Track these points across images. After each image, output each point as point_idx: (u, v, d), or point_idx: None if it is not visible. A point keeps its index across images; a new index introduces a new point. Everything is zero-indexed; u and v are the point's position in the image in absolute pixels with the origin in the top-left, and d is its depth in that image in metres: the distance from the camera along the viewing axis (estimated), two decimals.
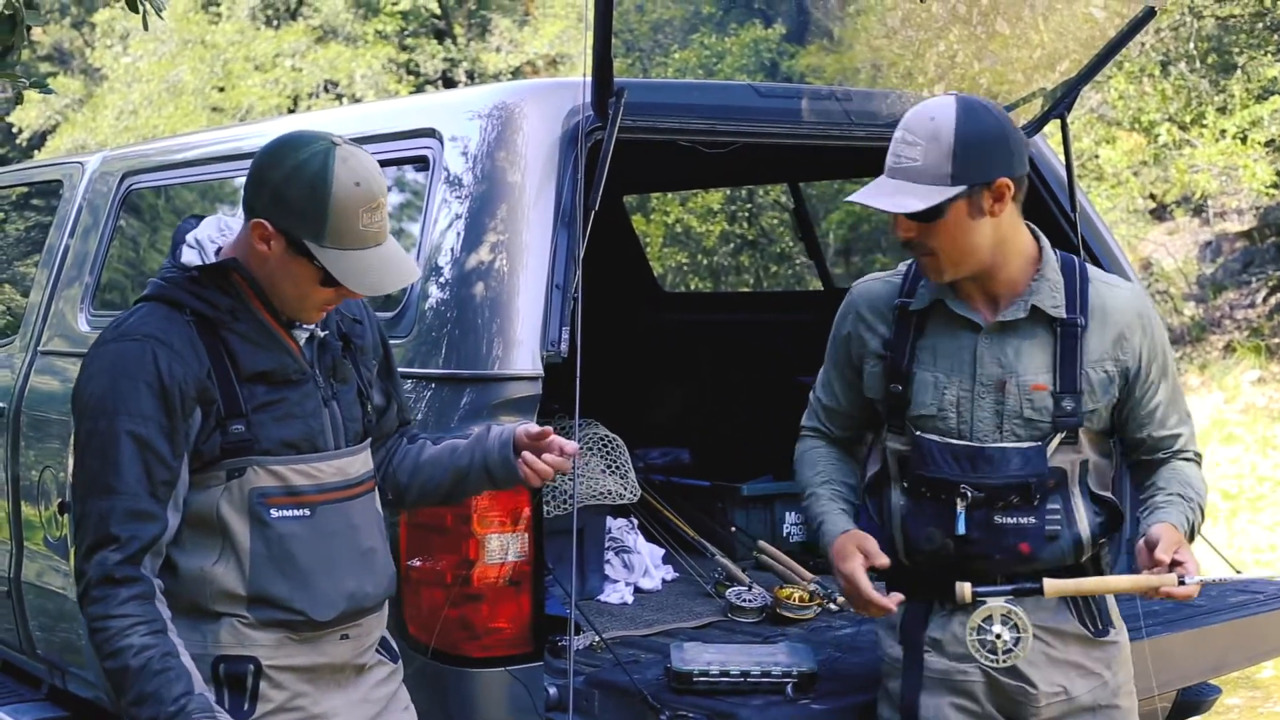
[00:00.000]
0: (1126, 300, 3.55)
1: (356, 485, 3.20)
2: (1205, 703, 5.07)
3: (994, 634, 3.39)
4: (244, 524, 3.04)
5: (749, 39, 15.16)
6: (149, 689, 2.89)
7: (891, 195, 3.35)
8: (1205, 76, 14.97)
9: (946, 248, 3.39)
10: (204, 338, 3.02)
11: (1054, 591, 3.40)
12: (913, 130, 3.35)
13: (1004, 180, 3.36)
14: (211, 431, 3.01)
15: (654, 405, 6.94)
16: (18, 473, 5.66)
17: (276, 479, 3.06)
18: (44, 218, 6.30)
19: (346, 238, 2.98)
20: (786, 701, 3.77)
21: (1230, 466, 12.60)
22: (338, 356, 3.22)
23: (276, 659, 3.08)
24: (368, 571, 3.20)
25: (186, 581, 3.04)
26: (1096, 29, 4.88)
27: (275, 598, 3.06)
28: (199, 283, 3.07)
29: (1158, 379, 3.55)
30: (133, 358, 2.97)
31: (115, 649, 2.91)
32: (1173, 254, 16.29)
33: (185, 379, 2.96)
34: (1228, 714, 7.43)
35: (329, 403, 3.16)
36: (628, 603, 4.95)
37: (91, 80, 27.34)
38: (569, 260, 4.00)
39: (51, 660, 5.62)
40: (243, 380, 3.04)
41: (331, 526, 3.12)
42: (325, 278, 3.01)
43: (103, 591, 2.92)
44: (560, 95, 4.23)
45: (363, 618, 3.21)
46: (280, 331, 3.10)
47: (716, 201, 16.55)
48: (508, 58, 22.85)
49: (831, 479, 3.70)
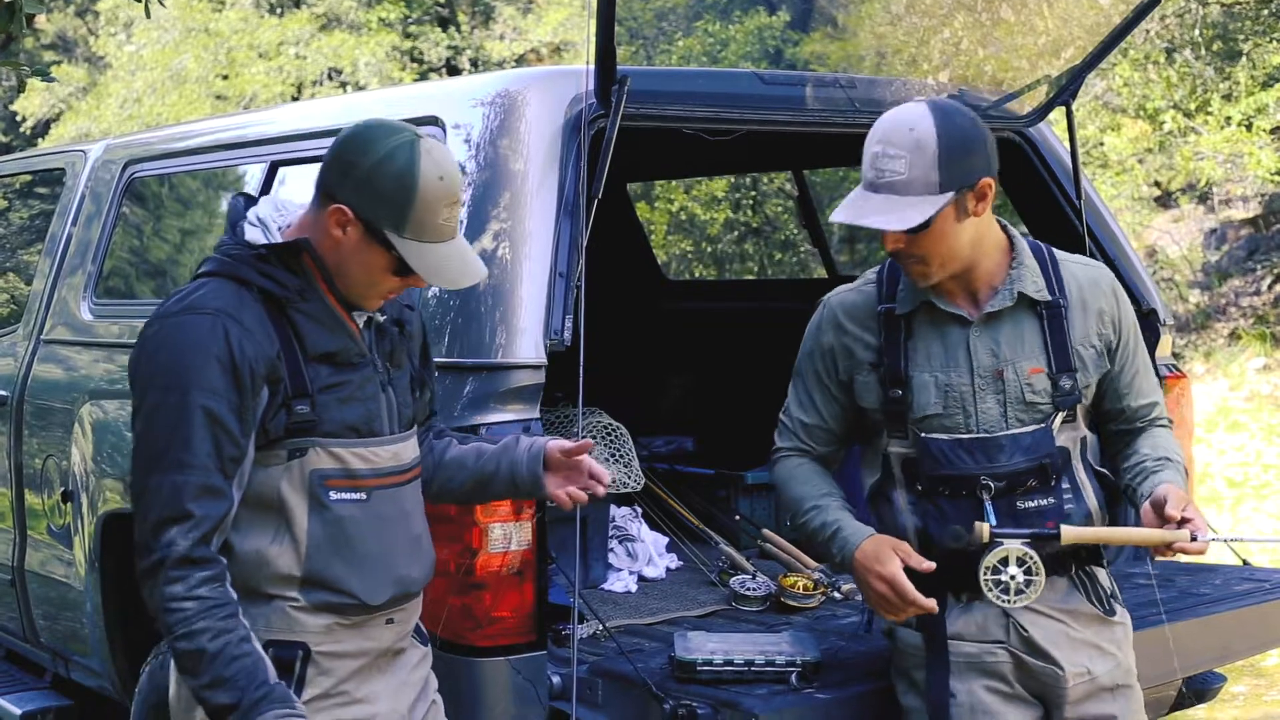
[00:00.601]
0: (1098, 277, 3.64)
1: (408, 471, 3.22)
2: (1210, 690, 5.07)
3: (1008, 574, 3.41)
4: (303, 505, 3.04)
5: (753, 26, 15.12)
6: (227, 674, 2.88)
7: (883, 212, 3.35)
8: (1210, 63, 14.94)
9: (935, 252, 3.41)
10: (272, 316, 3.01)
11: (1070, 538, 3.44)
12: (893, 143, 3.35)
13: (987, 180, 3.41)
14: (278, 410, 3.00)
15: (658, 393, 6.94)
16: (21, 461, 5.66)
17: (336, 461, 3.06)
18: (47, 206, 6.29)
19: (426, 230, 2.99)
20: (791, 690, 3.77)
21: (1235, 454, 12.59)
22: (396, 342, 3.24)
23: (325, 644, 3.09)
24: (416, 557, 3.22)
25: (242, 563, 3.02)
26: (1101, 15, 4.87)
27: (330, 580, 3.07)
28: (266, 261, 3.05)
29: (1134, 350, 3.64)
30: (203, 331, 2.94)
31: (191, 631, 2.88)
32: (1178, 241, 16.27)
33: (256, 357, 2.95)
34: (1232, 701, 7.42)
35: (386, 388, 3.17)
36: (631, 591, 4.94)
37: (95, 68, 27.31)
38: (572, 248, 4.00)
39: (55, 649, 5.62)
40: (309, 361, 3.04)
41: (385, 511, 3.13)
42: (398, 267, 3.02)
43: (179, 572, 2.89)
44: (563, 83, 4.22)
45: (408, 602, 3.23)
46: (343, 314, 3.10)
47: (720, 189, 16.53)
48: (511, 45, 22.83)
49: (831, 491, 3.71)
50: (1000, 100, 5.11)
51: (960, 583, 3.54)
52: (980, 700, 3.52)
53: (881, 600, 3.52)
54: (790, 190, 15.51)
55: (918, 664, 3.62)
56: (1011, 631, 3.53)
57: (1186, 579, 4.78)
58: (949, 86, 5.16)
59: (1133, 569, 4.89)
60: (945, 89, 5.10)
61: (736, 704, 3.65)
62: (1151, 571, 4.78)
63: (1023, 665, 3.53)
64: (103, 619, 5.06)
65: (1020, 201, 5.38)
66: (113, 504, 4.90)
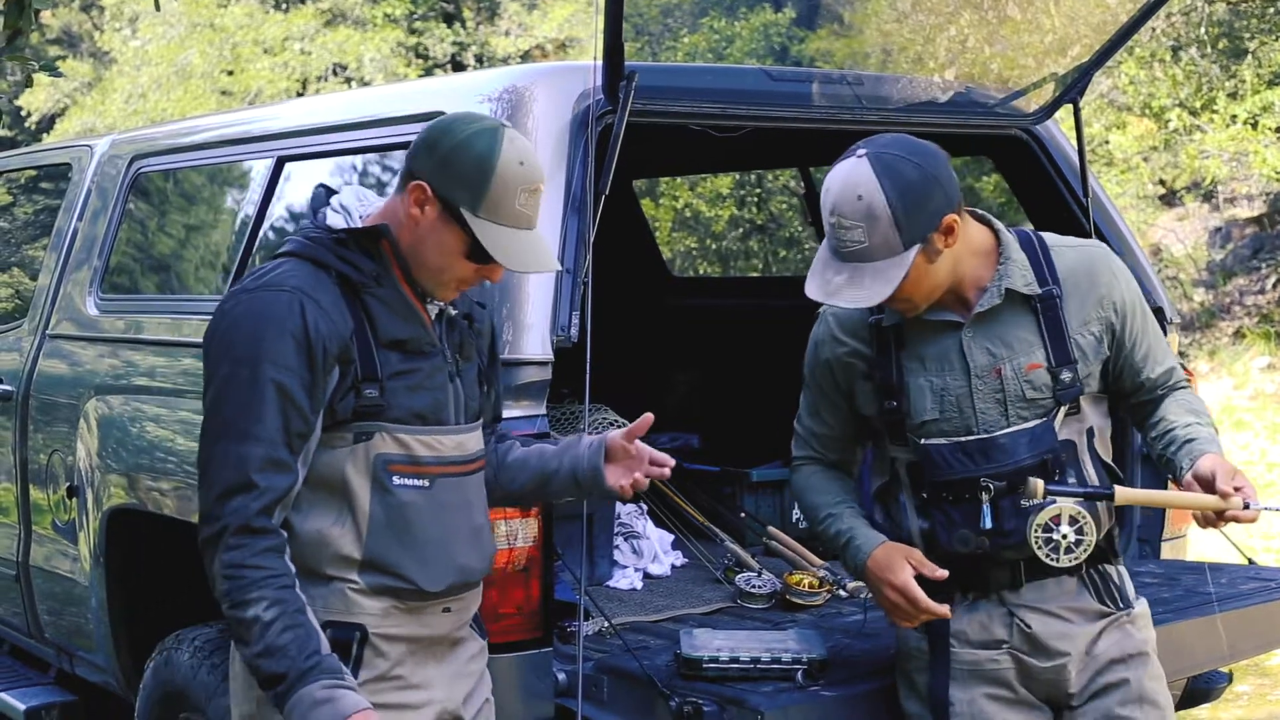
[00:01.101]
0: (1093, 257, 3.60)
1: (472, 462, 3.25)
2: (1215, 690, 5.07)
3: (1060, 533, 3.40)
4: (366, 488, 3.07)
5: (759, 23, 15.10)
6: (280, 642, 2.91)
7: (854, 287, 3.32)
8: (1216, 62, 14.92)
9: (915, 294, 3.40)
10: (347, 299, 3.05)
11: (1124, 499, 3.40)
12: (846, 215, 3.30)
13: (950, 217, 3.35)
14: (347, 392, 3.04)
15: (663, 390, 6.93)
16: (26, 456, 5.65)
17: (402, 447, 3.09)
18: (53, 201, 6.28)
19: (502, 213, 3.02)
20: (797, 688, 3.76)
21: (1240, 453, 12.58)
22: (466, 334, 3.26)
23: (382, 627, 3.12)
24: (476, 547, 3.24)
25: (302, 543, 3.06)
26: (1108, 13, 4.87)
27: (389, 564, 3.09)
28: (345, 245, 3.10)
29: (1141, 322, 3.60)
30: (281, 306, 2.99)
31: (247, 599, 2.93)
32: (1182, 240, 16.24)
33: (330, 336, 2.99)
34: (1237, 701, 7.42)
35: (454, 379, 3.20)
36: (637, 588, 4.94)
37: (100, 63, 27.30)
38: (579, 244, 4.00)
39: (59, 644, 5.62)
40: (380, 346, 3.07)
41: (447, 499, 3.16)
42: (472, 250, 3.05)
43: (240, 540, 2.94)
44: (570, 79, 4.22)
45: (466, 592, 3.26)
46: (416, 303, 3.14)
47: (725, 186, 16.52)
48: (517, 41, 22.79)
49: (846, 499, 3.72)
50: (1007, 98, 5.11)
51: (966, 581, 3.54)
52: (981, 709, 3.52)
53: (894, 608, 3.53)
54: (795, 187, 15.49)
55: (920, 667, 3.62)
56: (1014, 630, 3.53)
57: (1192, 578, 4.77)
58: (955, 84, 5.15)
59: (1139, 568, 4.89)
60: (951, 86, 5.09)
61: (742, 701, 3.64)
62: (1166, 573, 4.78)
63: (1026, 668, 3.52)
64: (107, 614, 5.06)
65: (1027, 199, 5.38)
66: (118, 499, 4.90)
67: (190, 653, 4.54)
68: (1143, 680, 3.55)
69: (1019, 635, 3.52)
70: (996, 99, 5.09)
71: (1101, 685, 3.53)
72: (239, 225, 5.18)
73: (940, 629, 3.55)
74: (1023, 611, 3.52)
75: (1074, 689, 3.53)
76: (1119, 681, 3.53)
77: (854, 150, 3.38)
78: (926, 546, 3.54)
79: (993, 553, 3.47)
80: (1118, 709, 3.52)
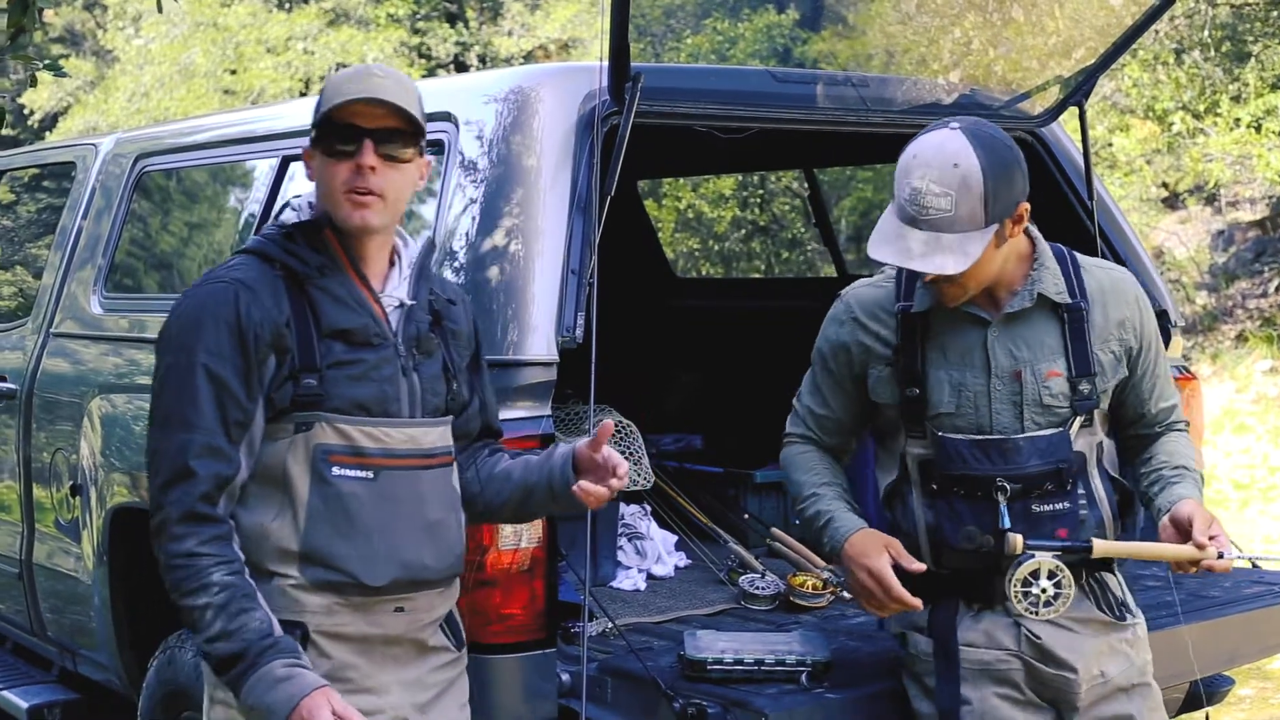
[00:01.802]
0: (1121, 282, 3.63)
1: (429, 457, 3.20)
2: (1218, 694, 5.07)
3: (1039, 587, 3.42)
4: (305, 479, 3.06)
5: (762, 24, 15.10)
6: (232, 626, 2.93)
7: (933, 253, 3.31)
8: (1219, 65, 14.91)
9: (972, 278, 3.41)
10: (290, 291, 3.09)
11: (1102, 552, 3.45)
12: (938, 181, 3.29)
13: (1024, 205, 3.41)
14: (284, 381, 3.05)
15: (667, 391, 6.93)
16: (29, 455, 5.66)
17: (342, 437, 3.08)
18: (57, 200, 6.29)
19: (330, 99, 3.09)
20: (800, 690, 3.76)
21: (1242, 456, 12.58)
22: (423, 329, 3.24)
23: (326, 625, 3.09)
24: (430, 544, 3.18)
25: (246, 537, 3.06)
26: (1113, 17, 4.87)
27: (327, 557, 3.06)
28: (293, 239, 3.15)
29: (1155, 355, 3.64)
30: (216, 297, 3.05)
31: (196, 586, 2.95)
32: (1185, 243, 16.24)
33: (262, 322, 3.02)
34: (1239, 704, 7.41)
35: (408, 373, 3.18)
36: (640, 589, 4.93)
37: (103, 62, 27.30)
38: (584, 245, 3.99)
39: (62, 643, 5.62)
40: (322, 336, 3.08)
41: (395, 493, 3.12)
42: (325, 145, 3.10)
43: (185, 529, 2.97)
44: (576, 79, 4.22)
45: (419, 591, 3.19)
46: (367, 295, 3.16)
47: (728, 187, 16.52)
48: (520, 42, 22.79)
49: (832, 481, 3.72)
50: (1012, 100, 5.10)
51: (972, 592, 3.55)
52: (993, 707, 3.52)
53: (865, 593, 3.53)
54: (798, 189, 15.49)
55: (929, 670, 3.61)
56: (1022, 640, 3.53)
57: (1196, 582, 4.76)
58: (960, 86, 5.15)
59: (1143, 571, 4.88)
60: (956, 89, 5.09)
61: (746, 703, 3.64)
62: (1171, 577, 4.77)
63: (1034, 672, 3.53)
64: (110, 613, 5.07)
65: (1032, 202, 5.35)
66: (121, 498, 4.90)
67: (193, 651, 4.54)
68: (1144, 713, 3.59)
69: (1027, 644, 3.52)
70: (1001, 102, 5.09)
71: (1109, 715, 3.56)
72: (243, 224, 5.19)
73: (948, 635, 3.56)
74: (1029, 622, 3.52)
75: (1083, 703, 3.54)
76: (1124, 715, 3.57)
77: (945, 123, 3.40)
78: (932, 543, 3.54)
79: (998, 555, 3.47)
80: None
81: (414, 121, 3.12)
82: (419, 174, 3.20)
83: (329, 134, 3.10)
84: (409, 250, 3.27)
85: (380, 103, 3.07)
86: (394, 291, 3.20)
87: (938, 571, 3.56)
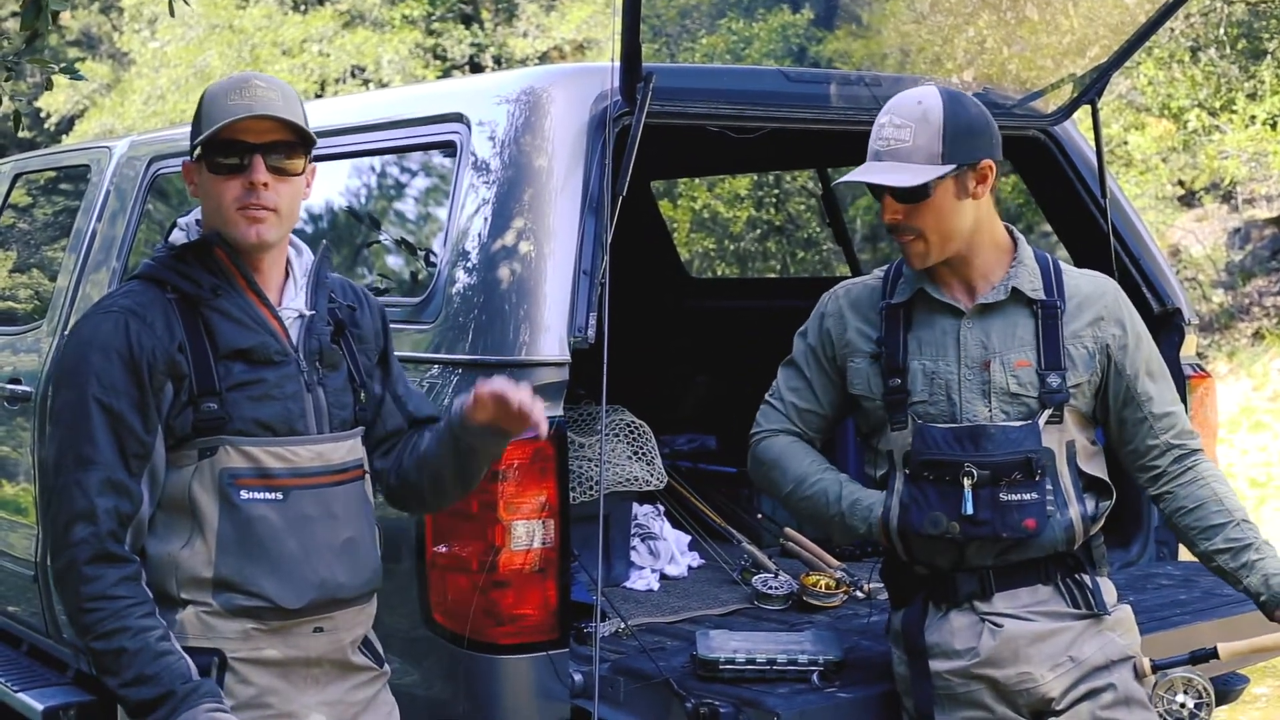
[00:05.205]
0: (1100, 285, 3.67)
1: (339, 472, 3.13)
2: (1233, 692, 5.05)
3: (1178, 703, 3.51)
4: (213, 505, 2.99)
5: (776, 24, 15.09)
6: (150, 671, 2.87)
7: (887, 174, 3.45)
8: (1235, 62, 14.88)
9: (932, 228, 3.48)
10: (183, 314, 3.02)
11: (1229, 654, 3.54)
12: (900, 114, 3.49)
13: (988, 161, 3.50)
14: (183, 407, 2.99)
15: (680, 391, 6.92)
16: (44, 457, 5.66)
17: (248, 460, 3.01)
18: (72, 202, 6.30)
19: (215, 116, 3.01)
20: (813, 690, 3.77)
21: (1258, 454, 12.56)
22: (325, 342, 3.17)
23: (243, 651, 3.03)
24: (344, 561, 3.11)
25: (155, 567, 2.99)
26: (1126, 14, 4.86)
27: (240, 582, 3.00)
28: (184, 261, 3.08)
29: (1146, 354, 3.64)
30: (106, 330, 2.97)
31: (110, 630, 2.89)
32: (1201, 241, 16.21)
33: (154, 350, 2.96)
34: (1254, 703, 7.41)
35: (313, 388, 3.11)
36: (653, 589, 4.93)
37: (119, 65, 27.37)
38: (596, 246, 4.00)
39: (77, 644, 5.63)
40: (220, 358, 3.01)
41: (306, 512, 3.05)
42: (211, 162, 3.03)
43: (96, 570, 2.90)
44: (588, 80, 4.22)
45: (336, 610, 3.13)
46: (265, 312, 3.09)
47: (743, 187, 16.51)
48: (534, 43, 22.80)
49: (831, 467, 3.76)
50: (1025, 98, 5.10)
51: (939, 593, 3.59)
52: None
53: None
54: (812, 189, 15.48)
55: (905, 690, 3.68)
56: (984, 635, 3.54)
57: (1210, 580, 4.75)
58: (974, 85, 5.15)
59: (1155, 569, 4.88)
60: (970, 87, 5.09)
61: (759, 703, 3.64)
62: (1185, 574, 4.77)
63: (997, 688, 3.54)
64: None
65: (1045, 200, 5.37)
66: None
67: None
68: (1128, 682, 3.56)
69: (987, 640, 3.53)
70: (1015, 100, 5.08)
71: (1085, 691, 3.54)
72: None
73: (915, 642, 3.59)
74: (994, 616, 3.54)
75: (1055, 694, 3.53)
76: (1104, 686, 3.54)
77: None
78: (900, 528, 3.56)
79: (962, 541, 3.49)
80: (1102, 712, 3.53)
81: (301, 132, 3.07)
82: (307, 182, 3.15)
83: (215, 150, 3.03)
84: (303, 260, 3.21)
85: (267, 118, 3.02)
86: (291, 304, 3.14)
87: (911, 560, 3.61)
